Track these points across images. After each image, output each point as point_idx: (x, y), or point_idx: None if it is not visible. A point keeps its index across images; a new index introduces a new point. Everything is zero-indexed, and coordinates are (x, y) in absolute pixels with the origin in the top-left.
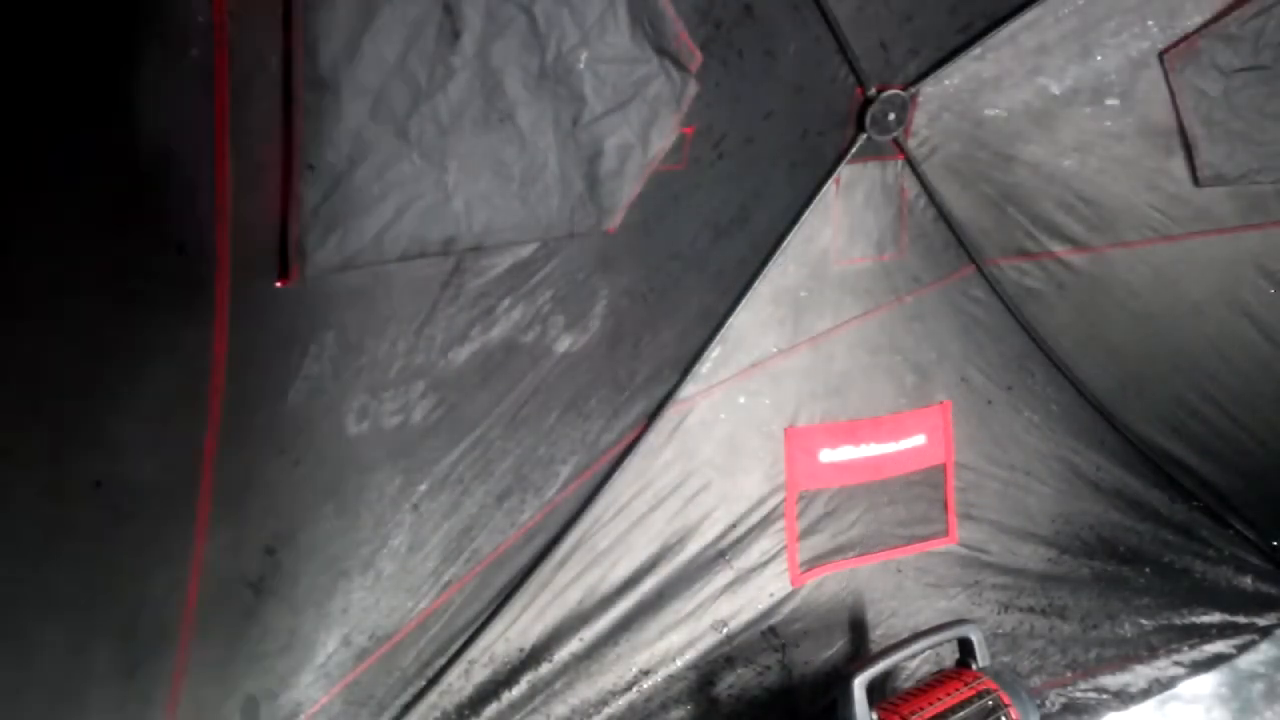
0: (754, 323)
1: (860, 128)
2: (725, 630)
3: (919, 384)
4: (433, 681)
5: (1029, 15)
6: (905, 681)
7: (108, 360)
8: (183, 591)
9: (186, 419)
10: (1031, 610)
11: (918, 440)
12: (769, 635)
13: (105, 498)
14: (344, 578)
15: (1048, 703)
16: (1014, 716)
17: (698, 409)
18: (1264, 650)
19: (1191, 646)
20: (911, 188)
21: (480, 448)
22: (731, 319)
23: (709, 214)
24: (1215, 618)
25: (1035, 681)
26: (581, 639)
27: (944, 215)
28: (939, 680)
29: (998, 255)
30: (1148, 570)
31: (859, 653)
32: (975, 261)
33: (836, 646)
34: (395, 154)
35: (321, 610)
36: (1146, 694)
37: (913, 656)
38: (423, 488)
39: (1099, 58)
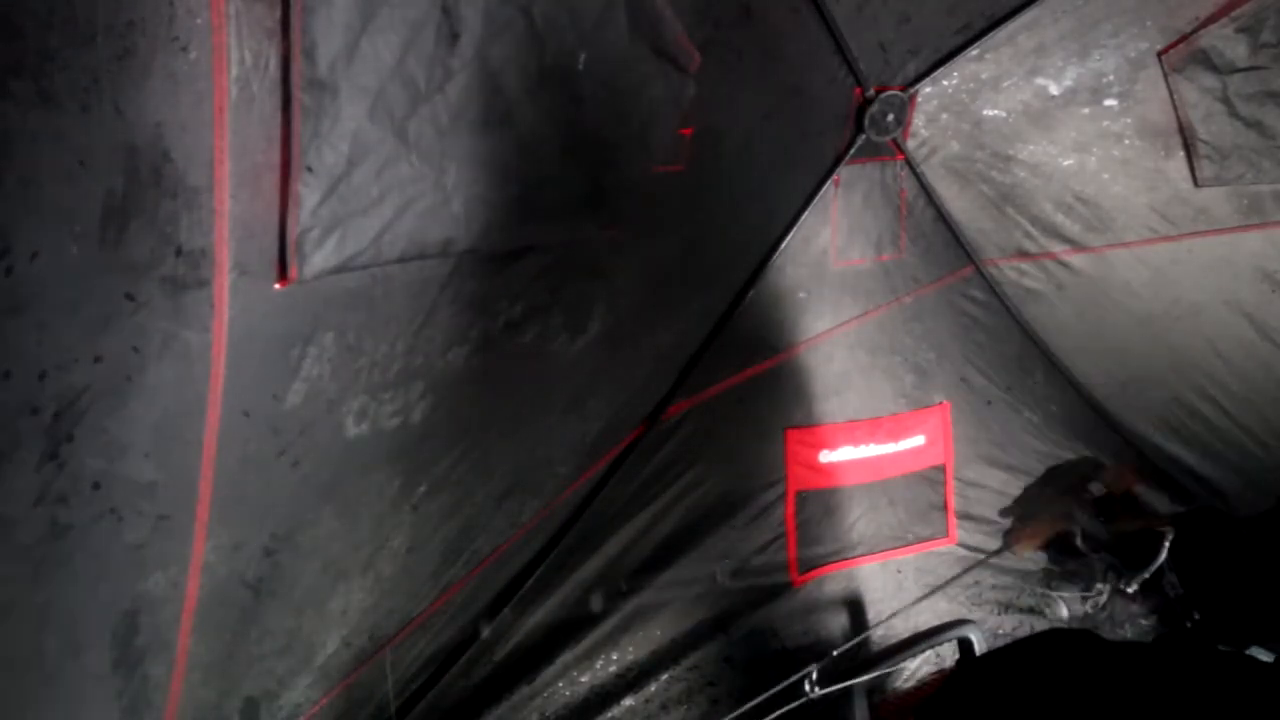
0: (753, 323)
1: (859, 128)
2: (725, 630)
3: (918, 384)
4: (432, 682)
5: (1027, 16)
6: (906, 682)
7: (108, 361)
8: (182, 592)
9: (186, 419)
10: (1031, 610)
11: (917, 440)
12: (769, 636)
13: (105, 498)
14: (343, 579)
15: None
16: None
17: (697, 410)
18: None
19: None
20: (910, 188)
21: (480, 449)
22: (731, 320)
23: (707, 215)
24: None
25: None
26: (581, 640)
27: (943, 216)
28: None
29: (997, 255)
30: None
31: (859, 653)
32: (974, 262)
33: (837, 647)
34: (394, 155)
35: (321, 611)
36: None
37: (913, 657)
38: (422, 489)
39: (1097, 58)
